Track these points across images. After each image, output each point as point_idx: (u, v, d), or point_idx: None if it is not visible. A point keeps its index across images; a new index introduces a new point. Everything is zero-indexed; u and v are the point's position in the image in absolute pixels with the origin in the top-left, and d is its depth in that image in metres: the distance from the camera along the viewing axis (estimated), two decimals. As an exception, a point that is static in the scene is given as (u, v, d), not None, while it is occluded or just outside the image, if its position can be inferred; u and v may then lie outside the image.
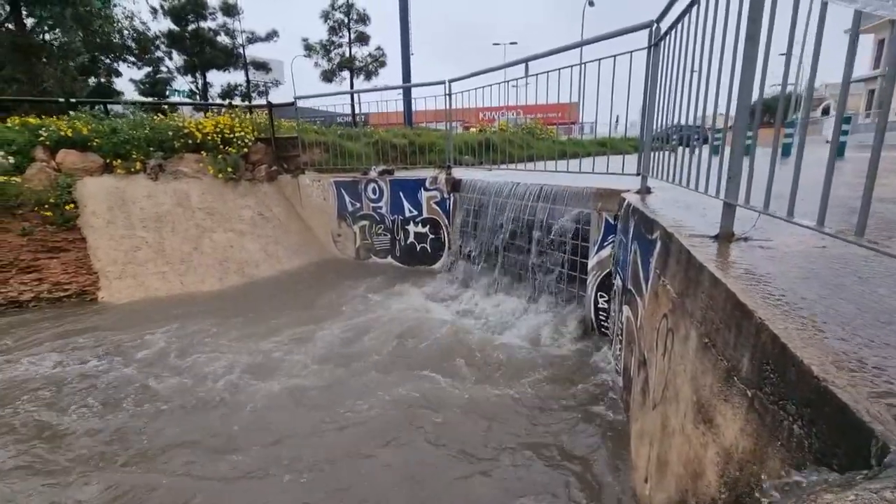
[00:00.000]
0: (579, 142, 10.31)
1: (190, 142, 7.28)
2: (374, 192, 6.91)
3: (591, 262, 4.10)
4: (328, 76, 24.51)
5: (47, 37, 16.50)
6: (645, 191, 3.52)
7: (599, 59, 3.75)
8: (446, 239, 6.42)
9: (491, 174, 6.30)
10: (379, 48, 24.58)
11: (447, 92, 5.84)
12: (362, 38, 24.04)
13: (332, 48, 24.17)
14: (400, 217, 6.76)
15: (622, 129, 4.15)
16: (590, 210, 4.08)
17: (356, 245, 7.32)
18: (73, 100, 8.35)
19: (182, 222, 6.70)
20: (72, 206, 6.15)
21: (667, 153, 2.93)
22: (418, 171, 7.65)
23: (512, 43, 35.81)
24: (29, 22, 15.33)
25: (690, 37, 2.39)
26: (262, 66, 25.52)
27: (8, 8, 14.57)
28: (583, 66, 3.93)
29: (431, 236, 6.54)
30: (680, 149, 2.73)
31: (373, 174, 6.91)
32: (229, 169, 7.27)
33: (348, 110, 14.79)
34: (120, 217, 6.39)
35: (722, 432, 1.24)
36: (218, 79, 26.21)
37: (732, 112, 1.79)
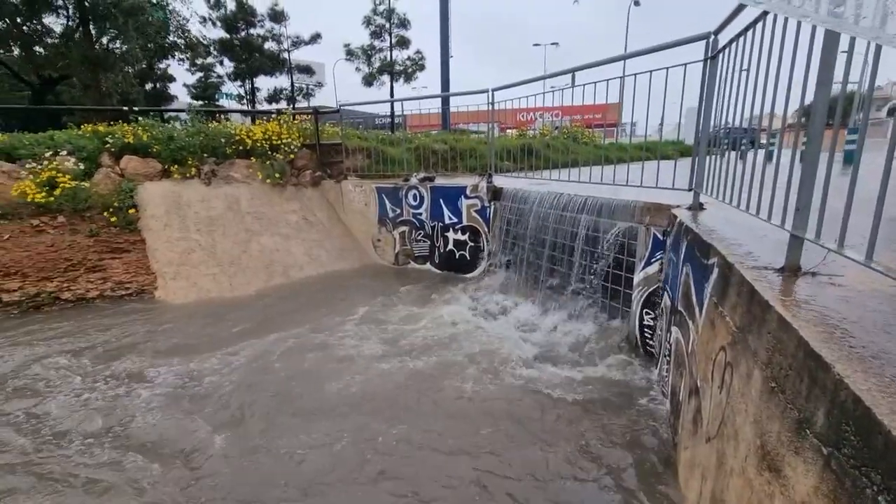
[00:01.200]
0: (622, 146, 10.07)
1: (241, 148, 7.61)
2: (414, 198, 6.99)
3: (637, 278, 4.00)
4: (369, 80, 24.98)
5: (110, 46, 17.64)
6: (697, 207, 3.40)
7: (651, 71, 3.65)
8: (485, 247, 6.42)
9: (532, 182, 6.25)
10: (418, 51, 24.85)
11: (490, 101, 5.84)
12: (403, 42, 24.36)
13: (373, 53, 24.62)
14: (440, 224, 6.82)
15: (666, 131, 4.03)
16: (637, 224, 3.98)
17: (395, 250, 7.44)
18: (135, 108, 8.87)
19: (232, 226, 7.01)
20: (133, 209, 6.54)
21: (723, 170, 2.82)
22: (458, 177, 7.69)
23: (553, 44, 35.21)
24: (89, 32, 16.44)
25: (755, 50, 2.29)
26: (306, 70, 26.33)
27: (78, 22, 15.66)
28: (634, 77, 3.83)
29: (471, 244, 6.55)
30: (739, 166, 2.63)
31: (414, 181, 7.00)
32: (277, 174, 7.55)
33: (387, 113, 15.04)
34: (176, 220, 6.75)
35: (791, 486, 1.19)
36: (264, 83, 27.18)
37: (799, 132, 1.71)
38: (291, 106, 23.78)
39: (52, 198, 6.18)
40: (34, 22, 15.56)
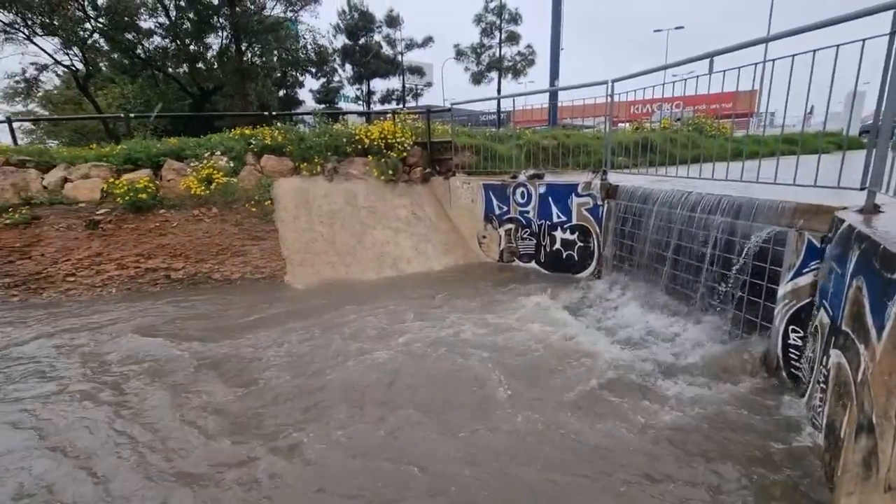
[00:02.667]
0: (760, 139, 8.85)
1: (359, 147, 8.17)
2: (522, 195, 6.89)
3: (783, 290, 3.48)
4: (477, 78, 25.22)
5: (254, 60, 20.10)
6: (872, 209, 2.85)
7: (814, 51, 3.13)
8: (596, 248, 6.10)
9: (652, 180, 5.78)
10: (528, 46, 24.45)
11: (609, 93, 5.51)
12: (512, 38, 24.17)
13: (482, 51, 24.80)
14: (547, 222, 6.63)
15: (815, 122, 3.43)
16: (786, 228, 3.45)
17: (500, 248, 7.40)
18: (273, 113, 9.99)
19: (349, 219, 7.56)
20: (269, 202, 7.38)
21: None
22: (567, 174, 7.40)
23: (678, 27, 31.72)
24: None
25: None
26: (417, 71, 27.40)
27: (231, 39, 18.09)
28: (791, 59, 3.32)
29: (580, 244, 6.27)
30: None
31: (522, 178, 6.89)
32: (390, 171, 7.96)
33: (492, 111, 15.05)
34: (303, 213, 7.47)
35: None
36: (377, 85, 28.91)
37: None
38: (402, 106, 24.98)
39: (208, 191, 7.22)
40: (199, 42, 18.32)
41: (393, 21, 25.54)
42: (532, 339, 4.31)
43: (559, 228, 6.49)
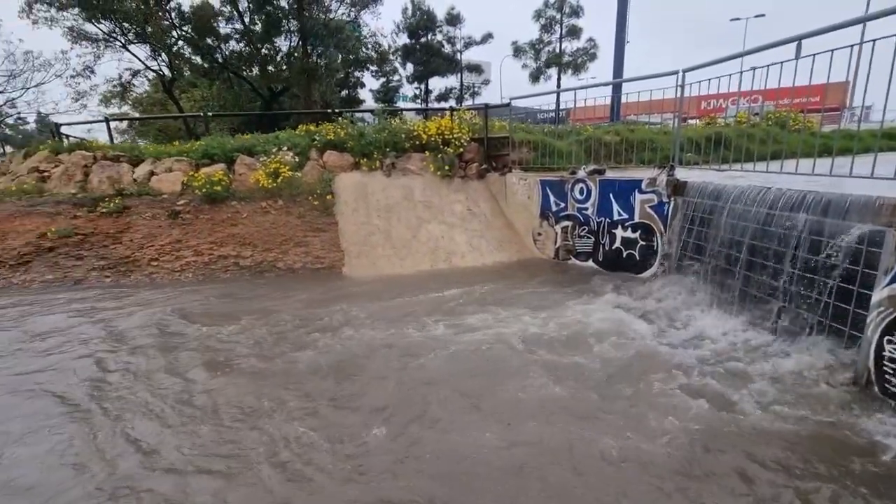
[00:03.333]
0: (852, 133, 8.00)
1: (416, 143, 8.29)
2: (580, 192, 6.68)
3: (878, 296, 3.12)
4: (535, 75, 24.79)
5: (318, 61, 20.98)
6: None
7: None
8: (659, 247, 5.79)
9: (723, 175, 5.40)
10: (590, 40, 23.68)
11: (679, 83, 5.20)
12: (573, 32, 23.50)
13: (541, 47, 24.33)
14: (607, 220, 6.38)
15: None
16: (883, 228, 3.10)
17: (556, 245, 7.23)
18: (336, 110, 10.37)
19: (405, 213, 7.69)
20: (331, 195, 7.67)
21: None
22: (630, 170, 7.09)
23: (758, 15, 29.03)
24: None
25: None
26: (476, 69, 27.36)
27: (296, 42, 19.00)
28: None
29: (642, 243, 5.98)
30: None
31: (581, 174, 6.68)
32: (446, 167, 8.02)
33: (550, 108, 14.72)
34: (361, 206, 7.70)
35: None
36: (436, 83, 29.21)
37: None
38: (459, 104, 25.04)
39: (275, 185, 7.63)
40: (269, 45, 19.41)
41: (454, 19, 25.65)
42: (594, 336, 4.18)
43: (620, 226, 6.23)
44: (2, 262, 6.84)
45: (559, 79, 24.44)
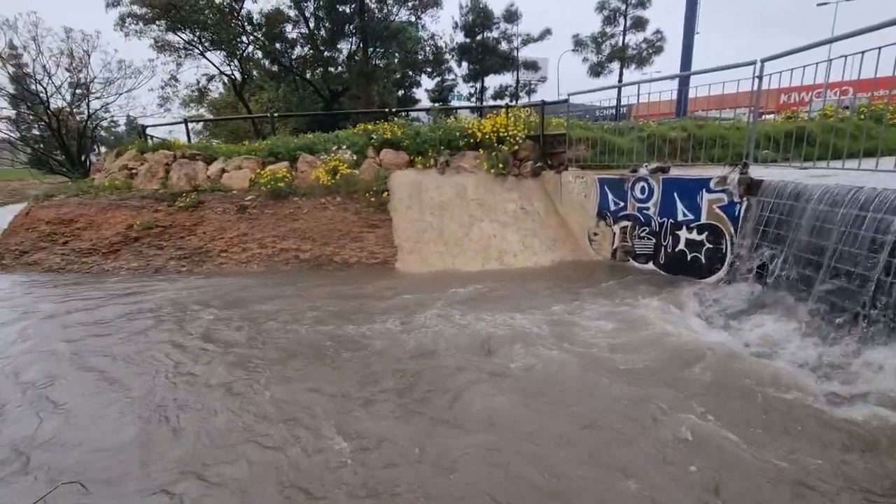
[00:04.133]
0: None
1: (471, 141, 8.27)
2: (642, 191, 6.37)
3: None
4: (596, 70, 23.94)
5: (377, 63, 21.51)
6: None
7: None
8: (728, 250, 5.40)
9: (806, 174, 4.94)
10: (657, 31, 22.50)
11: (757, 74, 4.80)
12: (639, 24, 22.45)
13: (603, 40, 23.43)
14: (670, 220, 6.04)
15: None
16: None
17: (613, 246, 6.94)
18: (393, 109, 10.59)
19: (458, 211, 7.70)
20: (386, 193, 7.83)
21: None
22: (697, 168, 6.66)
23: None
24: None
25: None
26: (532, 66, 26.85)
27: (357, 44, 19.58)
28: None
29: (708, 245, 5.61)
30: None
31: (643, 172, 6.37)
32: (500, 165, 7.94)
33: (611, 104, 14.14)
34: (415, 203, 7.80)
35: None
36: (491, 81, 28.95)
37: None
38: (515, 102, 24.72)
39: (334, 181, 7.90)
40: (332, 49, 20.16)
41: (511, 16, 25.29)
42: (658, 338, 3.99)
43: (684, 227, 5.87)
44: (96, 249, 7.61)
45: (621, 73, 23.42)
